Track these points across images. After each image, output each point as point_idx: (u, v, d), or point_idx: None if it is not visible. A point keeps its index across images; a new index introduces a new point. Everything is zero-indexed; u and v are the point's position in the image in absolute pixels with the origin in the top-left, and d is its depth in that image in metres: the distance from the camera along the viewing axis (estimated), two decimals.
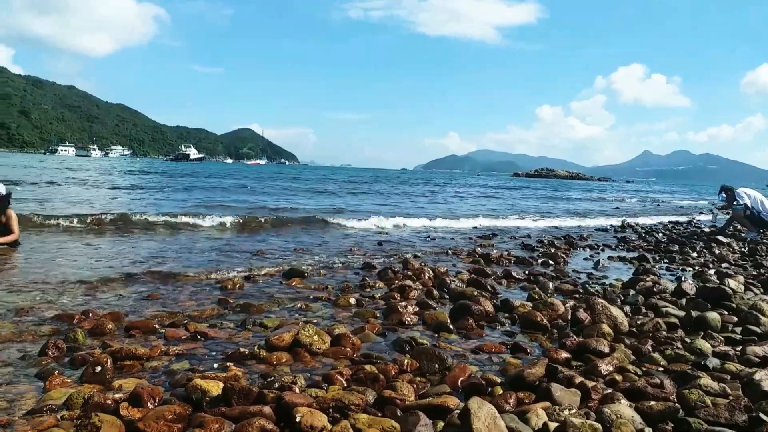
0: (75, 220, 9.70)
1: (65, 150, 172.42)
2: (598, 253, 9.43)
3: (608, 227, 14.81)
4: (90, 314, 4.22)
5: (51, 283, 5.30)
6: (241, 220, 11.20)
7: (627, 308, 4.96)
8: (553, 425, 2.44)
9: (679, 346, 3.88)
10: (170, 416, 2.45)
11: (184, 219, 10.77)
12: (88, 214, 10.45)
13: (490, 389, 3.05)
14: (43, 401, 2.69)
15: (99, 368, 3.07)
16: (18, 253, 6.82)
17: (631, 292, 5.69)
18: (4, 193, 7.26)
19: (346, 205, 19.09)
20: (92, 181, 26.73)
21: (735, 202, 11.97)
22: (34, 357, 3.33)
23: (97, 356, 3.22)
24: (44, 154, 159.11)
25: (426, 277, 6.22)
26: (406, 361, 3.41)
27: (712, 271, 7.16)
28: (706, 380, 3.00)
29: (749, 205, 11.78)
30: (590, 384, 3.02)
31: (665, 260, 8.64)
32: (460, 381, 3.13)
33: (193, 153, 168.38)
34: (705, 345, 3.84)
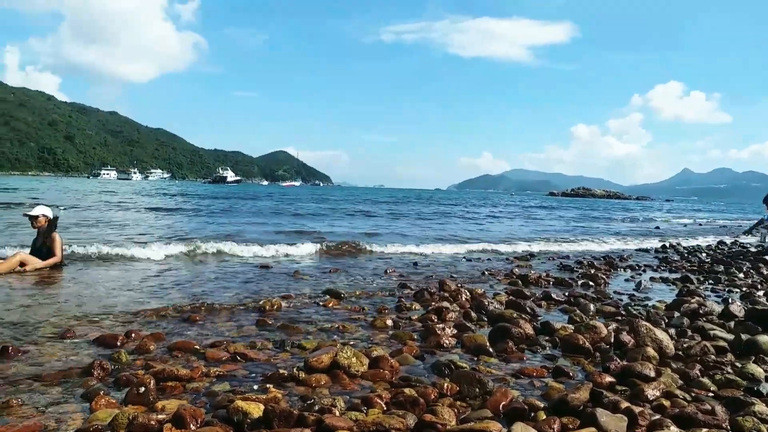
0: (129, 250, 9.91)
1: (107, 174, 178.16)
2: (640, 274, 9.21)
3: (649, 248, 14.46)
4: (133, 335, 4.30)
5: (94, 306, 5.43)
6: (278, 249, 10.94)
7: (672, 331, 4.81)
8: None
9: (730, 370, 3.74)
10: None
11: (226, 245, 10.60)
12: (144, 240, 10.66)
13: (532, 414, 2.99)
14: (89, 421, 2.73)
15: (142, 389, 3.11)
16: (63, 276, 7.01)
17: (676, 314, 5.53)
18: (51, 216, 7.51)
19: (381, 228, 19.11)
20: (140, 203, 27.41)
21: None
22: (79, 377, 3.41)
23: (140, 377, 3.28)
24: (88, 177, 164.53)
25: (463, 299, 6.16)
26: (445, 384, 3.37)
27: (761, 293, 6.91)
28: (760, 407, 2.88)
29: None
30: (637, 409, 2.92)
31: (710, 281, 8.39)
32: (501, 405, 3.07)
33: (230, 175, 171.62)
34: (757, 369, 3.70)
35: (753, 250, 13.33)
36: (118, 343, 4.11)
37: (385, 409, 2.98)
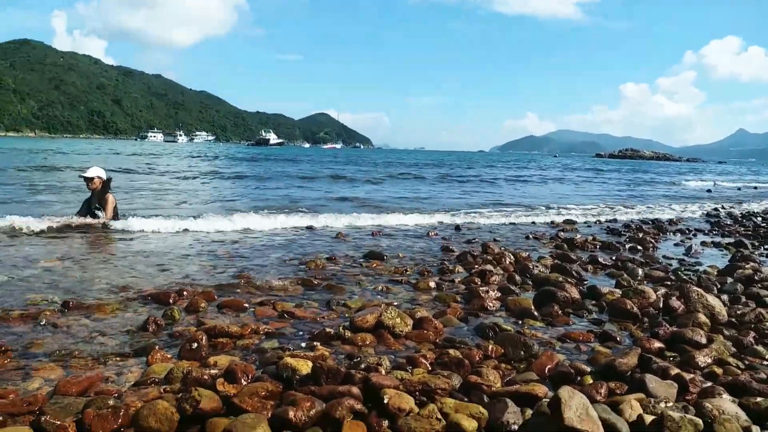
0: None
1: (154, 136, 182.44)
2: (690, 239, 8.95)
3: (700, 212, 14.00)
4: (185, 293, 4.44)
5: (149, 266, 5.63)
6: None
7: (725, 297, 4.68)
8: (648, 418, 2.35)
9: None
10: (263, 393, 2.54)
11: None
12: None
13: (578, 378, 2.97)
14: (147, 374, 2.86)
15: (195, 345, 3.23)
16: (121, 239, 7.23)
17: (729, 280, 5.36)
18: (105, 177, 7.74)
19: (422, 192, 19.04)
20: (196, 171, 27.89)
21: None
22: (135, 332, 3.55)
23: (193, 333, 3.40)
24: (136, 140, 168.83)
25: (507, 262, 6.12)
26: (490, 346, 3.37)
27: None
28: None
29: None
30: (687, 376, 2.87)
31: (766, 246, 8.08)
32: (547, 369, 3.06)
33: (273, 138, 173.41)
34: None
35: None
36: (171, 301, 4.25)
37: (429, 369, 3.02)
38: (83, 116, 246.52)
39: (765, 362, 3.26)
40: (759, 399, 2.53)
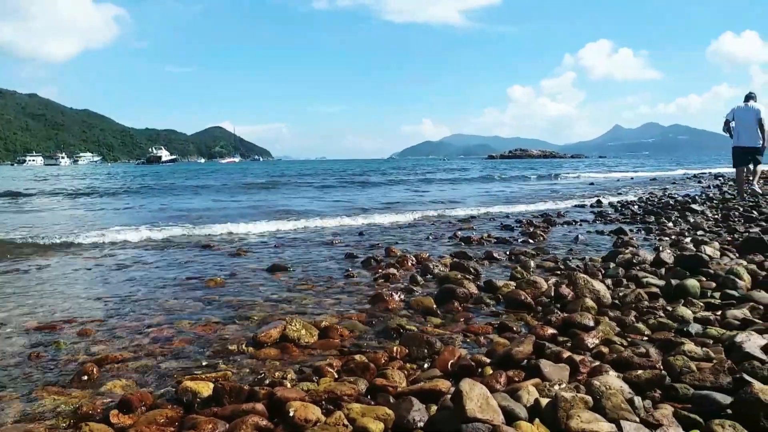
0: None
1: (33, 160, 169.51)
2: (577, 229, 9.54)
3: (584, 204, 14.97)
4: (72, 321, 4.16)
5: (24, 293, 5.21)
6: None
7: (609, 281, 5.03)
8: (544, 401, 2.47)
9: (662, 314, 3.95)
10: (162, 420, 2.43)
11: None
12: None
13: (480, 370, 3.07)
14: (31, 410, 2.64)
15: (85, 376, 3.03)
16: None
17: (612, 264, 5.77)
18: None
19: (325, 198, 19.02)
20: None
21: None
22: (18, 365, 3.27)
23: (83, 363, 3.18)
24: (12, 165, 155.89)
25: (409, 264, 6.24)
26: (395, 348, 3.41)
27: (688, 240, 7.28)
28: (689, 346, 3.05)
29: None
30: (578, 358, 3.06)
31: (642, 231, 8.78)
32: (450, 364, 3.15)
33: (165, 155, 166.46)
34: (686, 312, 3.92)
35: (680, 200, 14.01)
36: (57, 329, 3.96)
37: (336, 377, 3.01)
38: None
39: (644, 338, 3.54)
40: (639, 371, 2.74)
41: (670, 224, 9.41)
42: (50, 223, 12.24)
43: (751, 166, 12.62)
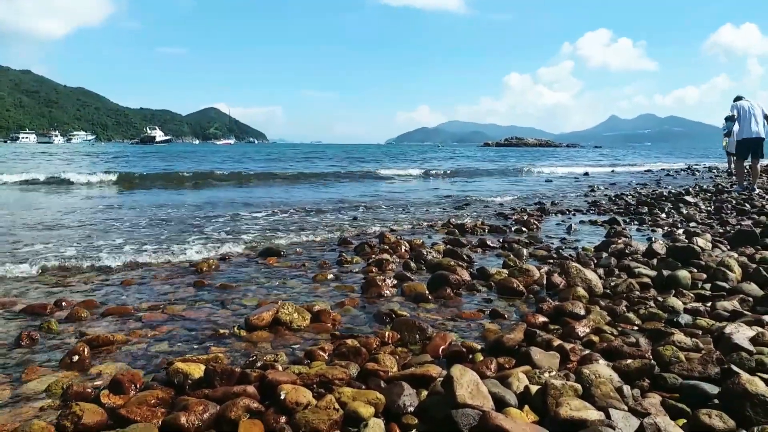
0: None
1: (26, 137, 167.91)
2: (570, 218, 9.56)
3: (579, 193, 15.00)
4: (63, 303, 4.14)
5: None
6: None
7: (600, 271, 5.06)
8: (534, 388, 2.49)
9: (652, 305, 3.97)
10: (153, 401, 2.43)
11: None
12: None
13: (471, 356, 3.09)
14: (22, 392, 2.64)
15: (76, 357, 3.02)
16: None
17: (604, 254, 5.80)
18: None
19: (318, 184, 18.96)
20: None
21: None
22: (9, 349, 3.26)
23: (74, 345, 3.18)
24: (5, 142, 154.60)
25: (403, 250, 6.25)
26: (387, 333, 3.43)
27: (680, 231, 7.32)
28: (679, 336, 3.08)
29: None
30: (568, 346, 3.08)
31: (635, 222, 8.82)
32: (441, 350, 3.17)
33: (159, 135, 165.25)
34: (677, 302, 3.94)
35: (673, 191, 14.06)
36: (47, 311, 3.95)
37: (328, 360, 3.02)
38: None
39: (634, 327, 3.56)
40: (629, 361, 2.76)
41: (663, 215, 9.46)
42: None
43: (752, 163, 12.83)
